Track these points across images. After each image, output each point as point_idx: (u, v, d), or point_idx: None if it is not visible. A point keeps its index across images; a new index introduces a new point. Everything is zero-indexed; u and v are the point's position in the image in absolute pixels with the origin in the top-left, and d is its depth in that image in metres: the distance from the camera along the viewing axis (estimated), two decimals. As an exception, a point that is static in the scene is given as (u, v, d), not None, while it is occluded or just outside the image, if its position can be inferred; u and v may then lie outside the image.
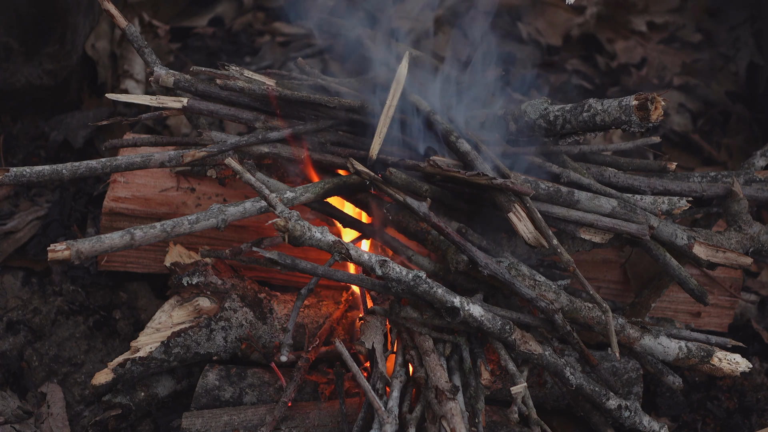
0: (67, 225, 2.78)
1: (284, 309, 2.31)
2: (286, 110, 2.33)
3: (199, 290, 2.30)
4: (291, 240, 1.86)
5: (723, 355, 2.14)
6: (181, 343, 2.22)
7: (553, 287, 2.14)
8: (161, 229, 1.89)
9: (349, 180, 2.23)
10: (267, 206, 2.00)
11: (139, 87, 3.33)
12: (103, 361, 2.43)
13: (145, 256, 2.52)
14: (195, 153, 2.16)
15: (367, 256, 1.93)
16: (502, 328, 2.04)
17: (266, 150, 2.28)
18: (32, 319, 2.49)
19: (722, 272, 2.53)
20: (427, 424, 2.03)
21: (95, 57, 3.27)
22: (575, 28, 3.82)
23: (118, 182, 2.50)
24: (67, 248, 1.73)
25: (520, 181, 2.18)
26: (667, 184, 2.35)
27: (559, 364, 2.08)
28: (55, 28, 3.04)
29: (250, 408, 2.18)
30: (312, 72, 2.57)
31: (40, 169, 2.04)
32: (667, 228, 2.25)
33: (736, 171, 2.50)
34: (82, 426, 2.28)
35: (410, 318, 2.14)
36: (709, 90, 3.64)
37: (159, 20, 3.68)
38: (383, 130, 2.21)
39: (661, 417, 2.46)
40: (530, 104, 2.28)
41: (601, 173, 2.35)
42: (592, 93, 3.55)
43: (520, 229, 2.10)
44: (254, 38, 3.79)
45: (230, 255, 2.27)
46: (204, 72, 2.33)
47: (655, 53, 3.74)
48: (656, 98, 2.08)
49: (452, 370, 2.12)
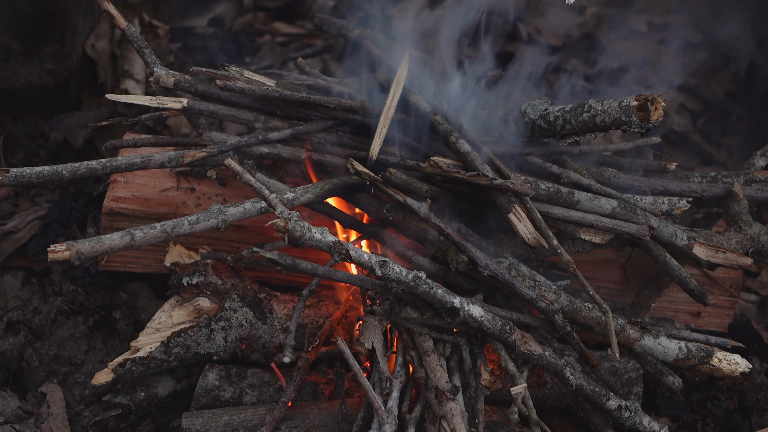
0: (67, 225, 2.78)
1: (284, 309, 2.31)
2: (286, 111, 2.33)
3: (199, 290, 2.30)
4: (291, 241, 1.86)
5: (723, 356, 2.14)
6: (181, 343, 2.22)
7: (553, 288, 2.14)
8: (161, 229, 1.89)
9: (349, 180, 2.23)
10: (267, 207, 2.00)
11: (139, 87, 3.33)
12: (103, 361, 2.43)
13: (145, 256, 2.52)
14: (195, 154, 2.17)
15: (366, 256, 1.93)
16: (502, 328, 2.04)
17: (266, 150, 2.28)
18: (32, 319, 2.49)
19: (722, 272, 2.53)
20: (427, 424, 2.03)
21: (95, 57, 3.27)
22: (575, 28, 3.82)
23: (118, 182, 2.50)
24: (67, 249, 1.73)
25: (520, 181, 2.18)
26: (667, 185, 2.35)
27: (560, 364, 2.08)
28: (55, 28, 3.05)
29: (250, 408, 2.18)
30: (312, 72, 2.58)
31: (40, 170, 2.04)
32: (667, 228, 2.25)
33: (736, 171, 2.51)
34: (82, 426, 2.28)
35: (410, 318, 2.14)
36: (709, 90, 3.64)
37: (159, 20, 3.68)
38: (383, 131, 2.21)
39: (661, 417, 2.46)
40: (530, 105, 2.28)
41: (601, 173, 2.35)
42: (592, 93, 3.54)
43: (520, 230, 2.10)
44: (254, 38, 3.79)
45: (232, 261, 2.28)
46: (204, 72, 2.33)
47: (655, 53, 3.74)
48: (656, 99, 2.07)
49: (452, 370, 2.12)
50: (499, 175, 2.17)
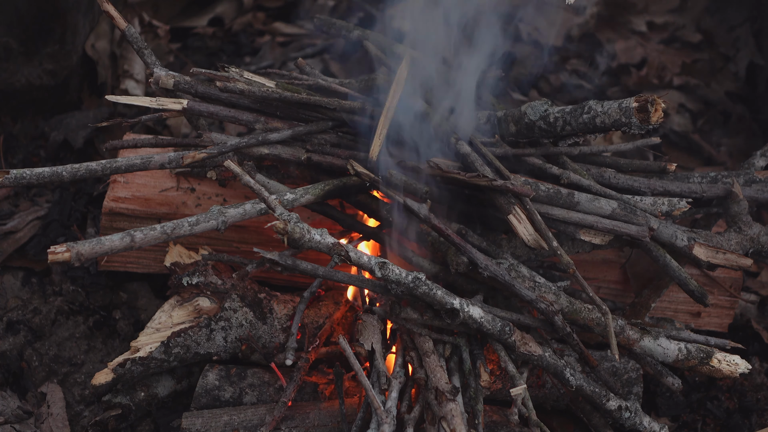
0: (67, 225, 2.78)
1: (284, 309, 2.31)
2: (286, 112, 2.33)
3: (199, 290, 2.30)
4: (290, 242, 1.86)
5: (722, 357, 2.14)
6: (181, 343, 2.22)
7: (552, 289, 2.14)
8: (161, 231, 1.89)
9: (349, 181, 2.23)
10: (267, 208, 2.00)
11: (139, 87, 3.33)
12: (103, 361, 2.43)
13: (145, 256, 2.52)
14: (195, 155, 2.16)
15: (366, 257, 1.93)
16: (502, 329, 2.04)
17: (266, 151, 2.28)
18: (32, 319, 2.49)
19: (722, 272, 2.53)
20: (426, 425, 2.03)
21: (95, 57, 3.27)
22: (575, 28, 3.82)
23: (118, 182, 2.50)
24: (67, 250, 1.73)
25: (519, 182, 2.18)
26: (667, 185, 2.35)
27: (560, 365, 2.08)
28: (55, 28, 3.04)
29: (250, 408, 2.18)
30: (312, 72, 2.57)
31: (40, 171, 2.05)
32: (667, 229, 2.25)
33: (736, 171, 2.50)
34: (82, 426, 2.29)
35: (410, 319, 2.15)
36: (709, 90, 3.64)
37: (159, 20, 3.68)
38: (383, 132, 2.21)
39: (661, 417, 2.46)
40: (530, 106, 2.28)
41: (601, 174, 2.34)
42: (592, 93, 3.54)
43: (520, 231, 2.10)
44: (254, 38, 3.79)
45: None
46: (204, 74, 2.33)
47: (655, 53, 3.74)
48: (656, 100, 2.07)
49: (452, 371, 2.12)
50: (499, 176, 2.17)
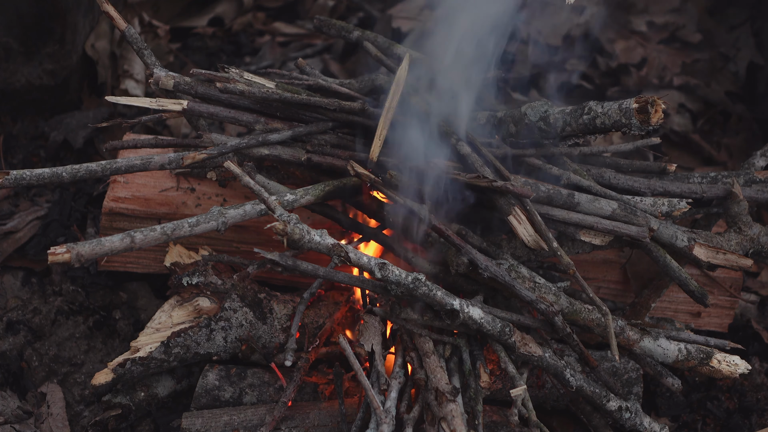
0: (67, 225, 2.78)
1: (284, 309, 2.31)
2: (286, 112, 2.32)
3: (199, 290, 2.30)
4: (290, 243, 1.86)
5: (722, 357, 2.14)
6: (181, 343, 2.22)
7: (553, 289, 2.14)
8: (161, 232, 1.89)
9: (349, 182, 2.23)
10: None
11: (139, 87, 3.33)
12: (103, 361, 2.43)
13: (145, 256, 2.52)
14: (195, 155, 2.16)
15: (366, 258, 1.93)
16: (502, 330, 2.04)
17: (266, 152, 2.28)
18: (32, 319, 2.49)
19: (722, 272, 2.54)
20: (426, 425, 2.03)
21: (95, 57, 3.27)
22: (575, 28, 3.81)
23: (118, 182, 2.50)
24: (67, 251, 1.73)
25: (520, 183, 2.18)
26: (667, 186, 2.35)
27: (560, 365, 2.08)
28: (55, 28, 3.04)
29: (250, 408, 2.18)
30: (312, 72, 2.57)
31: (40, 172, 2.05)
32: (667, 230, 2.25)
33: (736, 171, 2.50)
34: (82, 426, 2.29)
35: (410, 320, 2.15)
36: (709, 90, 3.64)
37: (159, 20, 3.68)
38: (383, 133, 2.20)
39: (661, 417, 2.46)
40: (530, 106, 2.28)
41: (601, 175, 2.34)
42: (592, 93, 3.54)
43: (520, 232, 2.10)
44: (254, 38, 3.79)
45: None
46: (204, 74, 2.32)
47: (655, 53, 3.74)
48: (656, 101, 2.07)
49: (452, 371, 2.12)
50: (499, 176, 2.16)
